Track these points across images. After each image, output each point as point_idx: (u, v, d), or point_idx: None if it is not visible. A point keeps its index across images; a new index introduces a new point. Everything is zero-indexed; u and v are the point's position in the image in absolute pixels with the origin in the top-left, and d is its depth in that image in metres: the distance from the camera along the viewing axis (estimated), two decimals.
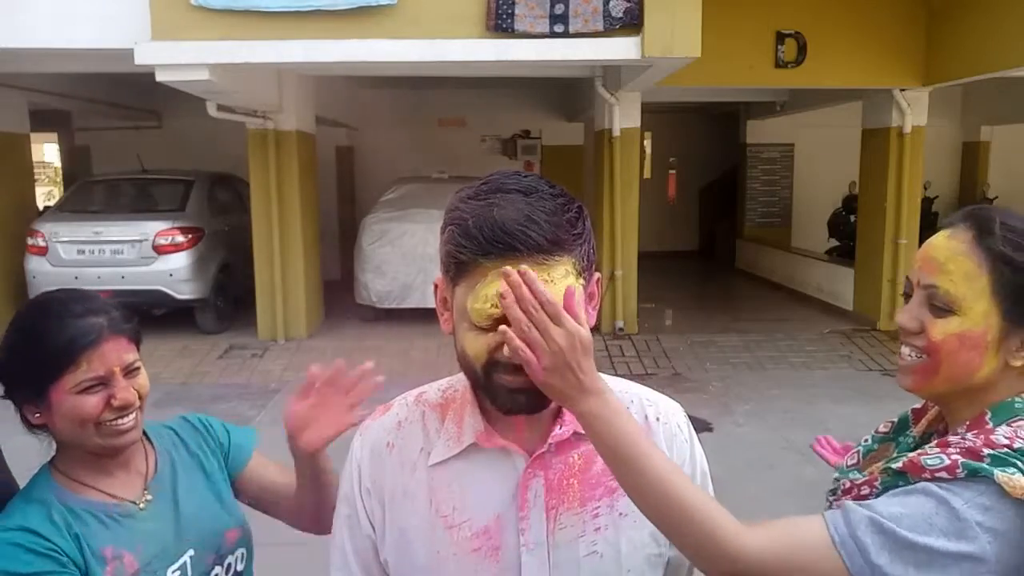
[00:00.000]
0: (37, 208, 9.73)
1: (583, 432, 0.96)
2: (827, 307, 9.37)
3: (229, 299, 8.50)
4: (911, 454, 0.95)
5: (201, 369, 7.08)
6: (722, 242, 13.34)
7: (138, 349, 1.29)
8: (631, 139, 8.12)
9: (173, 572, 1.26)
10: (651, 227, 11.77)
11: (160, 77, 5.82)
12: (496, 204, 0.89)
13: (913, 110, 8.03)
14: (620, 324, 8.09)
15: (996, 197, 11.72)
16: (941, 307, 0.97)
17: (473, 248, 0.89)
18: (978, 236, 0.96)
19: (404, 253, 8.37)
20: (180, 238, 7.99)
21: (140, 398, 1.27)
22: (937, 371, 0.98)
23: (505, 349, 0.89)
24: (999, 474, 0.86)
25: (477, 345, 0.92)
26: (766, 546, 0.89)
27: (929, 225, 10.56)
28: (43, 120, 10.34)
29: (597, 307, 1.00)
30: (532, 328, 0.85)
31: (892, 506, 0.89)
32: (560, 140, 12.55)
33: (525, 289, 0.85)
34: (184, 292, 7.90)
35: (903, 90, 7.91)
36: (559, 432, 1.00)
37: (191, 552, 1.29)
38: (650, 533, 0.99)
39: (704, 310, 9.58)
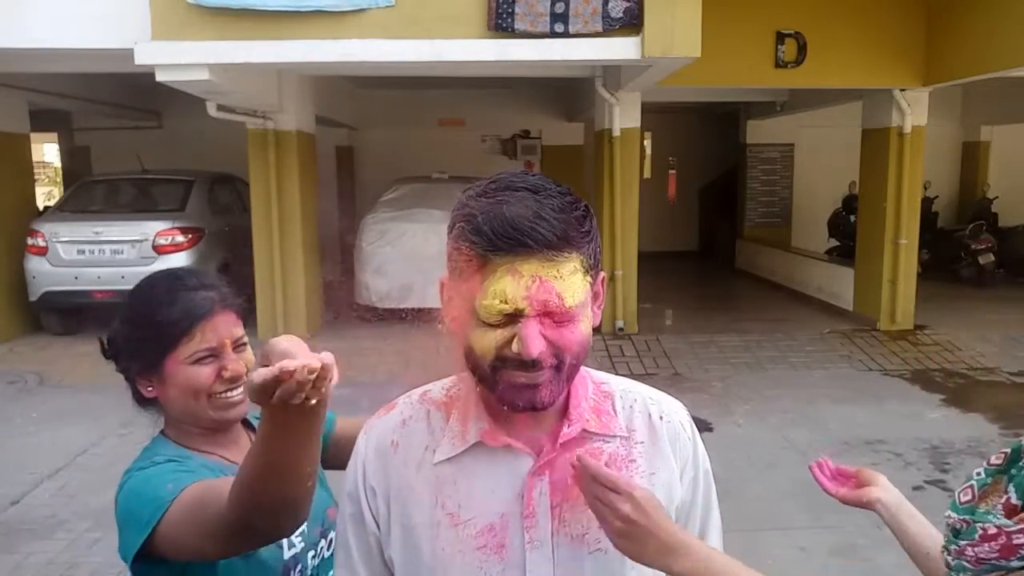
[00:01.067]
0: (37, 208, 9.72)
1: (590, 430, 1.00)
2: (827, 307, 9.37)
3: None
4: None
5: None
6: (722, 242, 13.33)
7: (245, 324, 1.34)
8: (631, 139, 8.12)
9: (296, 536, 1.30)
10: (651, 227, 11.77)
11: (160, 77, 5.82)
12: (506, 201, 0.90)
13: (913, 110, 8.03)
14: (620, 324, 8.09)
15: (996, 197, 11.72)
16: None
17: (483, 244, 0.89)
18: None
19: (404, 253, 8.37)
20: (180, 238, 7.99)
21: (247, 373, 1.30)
22: None
23: (514, 344, 0.90)
24: None
25: (485, 341, 0.92)
26: None
27: (929, 225, 10.59)
28: (43, 120, 10.33)
29: (602, 306, 1.01)
30: (596, 501, 0.92)
31: None
32: (560, 140, 12.55)
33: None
34: None
35: (903, 90, 7.90)
36: (567, 431, 1.01)
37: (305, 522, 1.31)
38: None
39: (704, 310, 9.58)
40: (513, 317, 0.89)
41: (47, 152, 19.04)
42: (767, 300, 10.23)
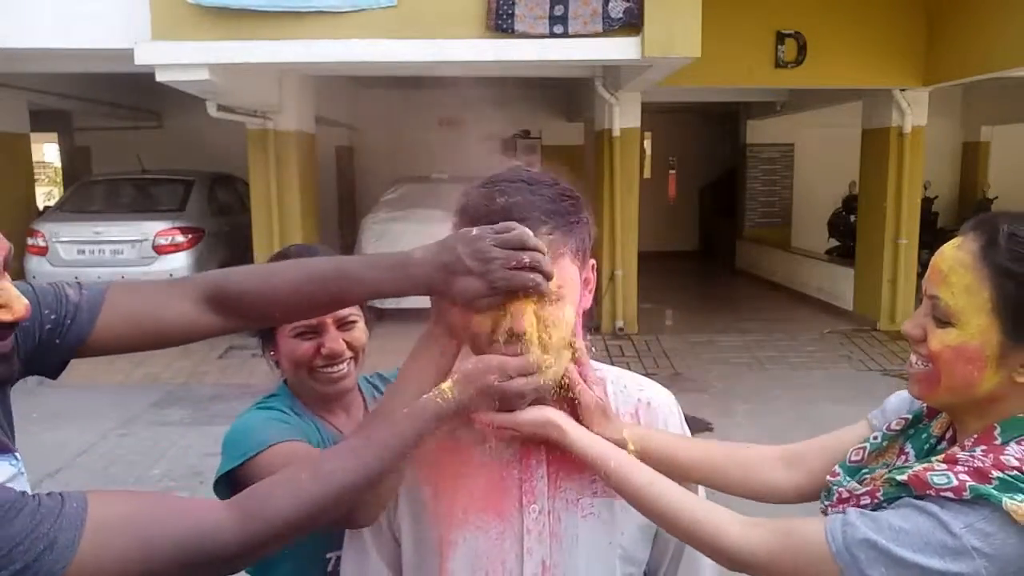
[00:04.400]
0: (37, 208, 9.73)
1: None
2: (827, 307, 9.37)
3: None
4: (917, 467, 0.92)
5: (201, 369, 7.07)
6: (722, 242, 13.33)
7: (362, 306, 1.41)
8: (631, 139, 8.12)
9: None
10: (651, 227, 11.76)
11: (160, 77, 5.82)
12: (502, 191, 0.98)
13: (913, 110, 8.03)
14: (620, 324, 8.09)
15: (996, 197, 11.72)
16: (941, 319, 0.95)
17: (479, 215, 0.97)
18: (984, 247, 0.92)
19: None
20: (180, 238, 7.99)
21: (354, 349, 1.39)
22: (939, 381, 0.96)
23: (504, 320, 0.97)
24: (1007, 502, 0.84)
25: (484, 317, 0.98)
26: (765, 543, 0.95)
27: (929, 225, 10.58)
28: (43, 120, 10.34)
29: (592, 291, 1.08)
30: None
31: (892, 519, 0.89)
32: (560, 140, 12.56)
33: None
34: None
35: (903, 90, 7.90)
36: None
37: None
38: None
39: (704, 310, 9.58)
40: (507, 302, 0.96)
41: (47, 152, 19.03)
42: (767, 300, 10.23)
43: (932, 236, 10.75)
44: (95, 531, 0.79)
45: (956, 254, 0.94)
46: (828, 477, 1.08)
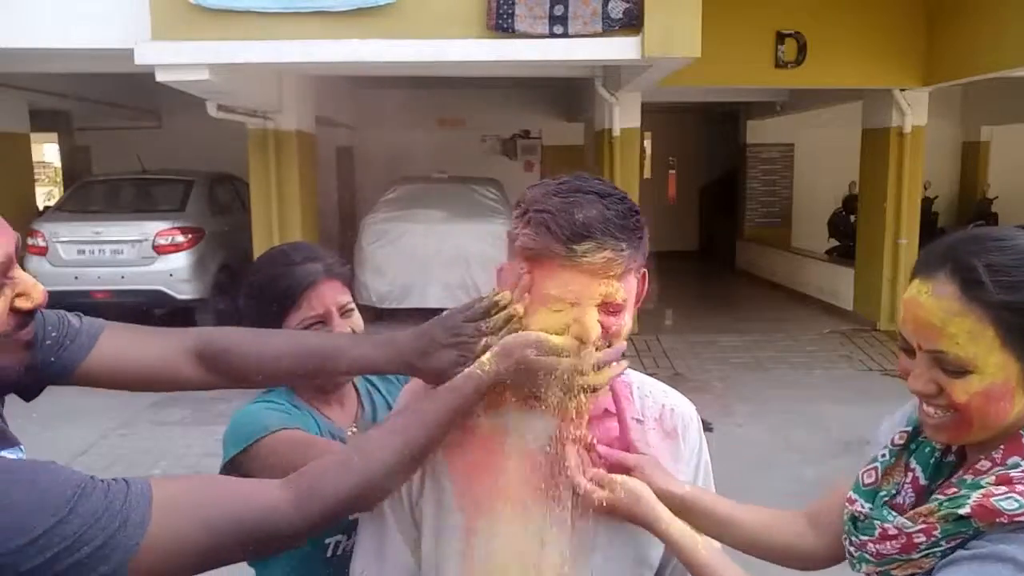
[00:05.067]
0: (37, 208, 9.73)
1: (612, 411, 1.14)
2: (827, 307, 9.37)
3: (229, 299, 8.51)
4: (974, 496, 0.88)
5: None
6: (722, 242, 13.34)
7: (352, 292, 1.45)
8: (631, 139, 8.11)
9: None
10: (651, 227, 11.56)
11: (160, 77, 5.82)
12: (577, 203, 1.01)
13: (913, 110, 8.03)
14: None
15: (996, 197, 11.72)
16: (954, 370, 0.91)
17: (557, 240, 1.00)
18: (966, 288, 0.89)
19: (404, 253, 8.37)
20: (180, 238, 7.99)
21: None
22: (971, 425, 0.92)
23: (573, 328, 1.02)
24: None
25: (548, 322, 1.03)
26: None
27: (929, 225, 10.58)
28: (43, 120, 10.34)
29: (641, 298, 1.14)
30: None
31: None
32: (560, 140, 12.56)
33: None
34: (184, 292, 7.89)
35: (903, 90, 7.90)
36: (592, 410, 1.11)
37: None
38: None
39: (704, 310, 9.58)
40: (573, 305, 1.01)
41: (47, 152, 19.03)
42: (767, 300, 10.23)
43: (932, 236, 10.74)
44: (161, 511, 0.83)
45: (940, 304, 0.91)
46: (846, 505, 1.05)
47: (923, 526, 0.92)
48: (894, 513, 0.98)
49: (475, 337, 1.05)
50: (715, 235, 13.91)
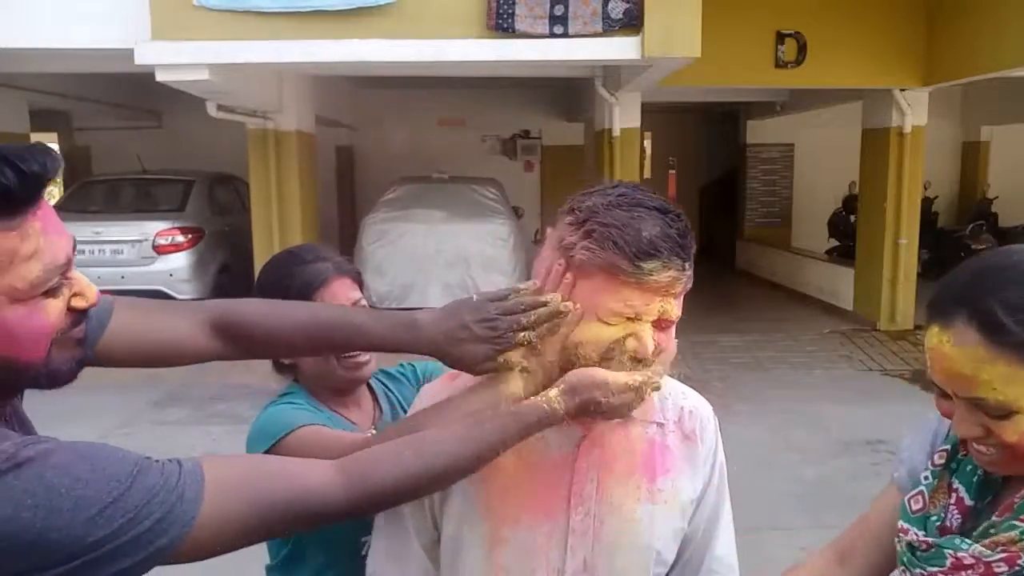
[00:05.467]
0: None
1: (633, 414, 1.12)
2: (827, 307, 9.37)
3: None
4: None
5: (201, 369, 7.07)
6: (722, 242, 13.33)
7: (361, 289, 1.48)
8: (631, 139, 8.11)
9: None
10: None
11: (160, 77, 5.82)
12: (640, 218, 1.01)
13: (913, 110, 8.03)
14: None
15: (996, 197, 11.72)
16: (998, 413, 0.89)
17: (621, 255, 1.00)
18: (988, 333, 0.87)
19: (404, 253, 8.37)
20: (180, 238, 7.99)
21: None
22: None
23: (628, 342, 1.02)
24: None
25: (601, 335, 1.03)
26: None
27: (929, 225, 10.58)
28: (43, 120, 10.34)
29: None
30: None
31: None
32: (560, 140, 12.55)
33: None
34: (184, 292, 7.90)
35: (903, 90, 7.90)
36: None
37: None
38: (679, 510, 1.16)
39: (704, 310, 9.57)
40: (629, 320, 1.02)
41: None
42: (767, 300, 10.23)
43: (932, 236, 10.78)
44: (213, 488, 0.87)
45: (966, 353, 0.89)
46: (899, 534, 1.01)
47: (1004, 555, 0.90)
48: (967, 541, 0.94)
49: (512, 331, 1.04)
50: (715, 235, 13.89)
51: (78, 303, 0.91)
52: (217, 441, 5.31)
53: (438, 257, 8.37)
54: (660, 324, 1.04)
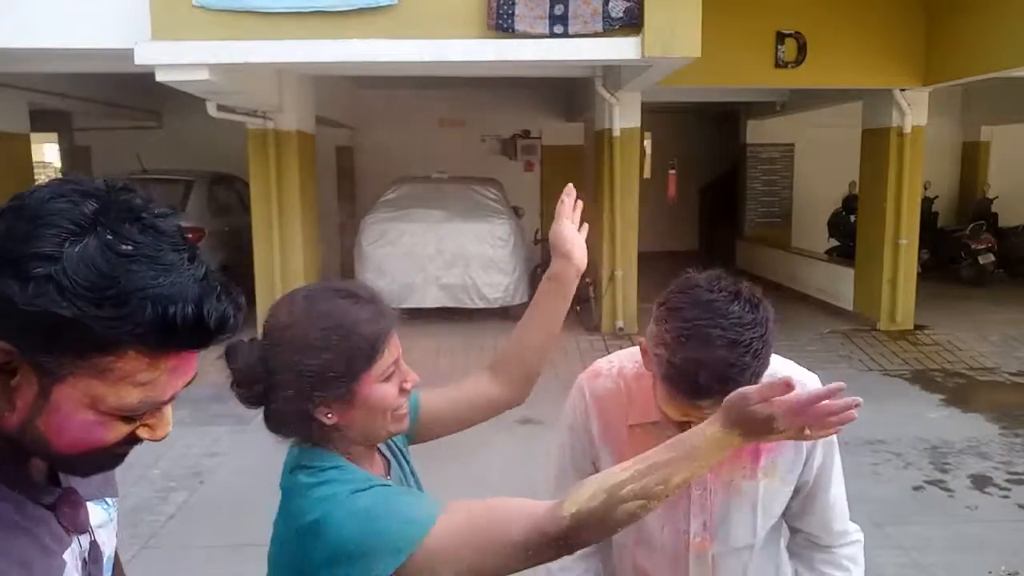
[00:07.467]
0: None
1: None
2: (827, 307, 9.37)
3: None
4: None
5: (201, 369, 6.92)
6: (722, 242, 13.33)
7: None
8: (631, 139, 8.12)
9: None
10: (651, 227, 11.76)
11: (160, 77, 5.82)
12: (703, 363, 1.16)
13: (913, 110, 8.03)
14: (620, 324, 8.09)
15: (996, 197, 11.72)
16: None
17: (683, 388, 1.20)
18: None
19: (404, 253, 8.38)
20: None
21: None
22: None
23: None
24: None
25: (669, 409, 1.26)
26: None
27: (929, 225, 10.58)
28: (43, 120, 10.33)
29: None
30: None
31: None
32: (560, 140, 12.55)
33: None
34: None
35: (903, 90, 7.90)
36: None
37: None
38: (780, 480, 1.40)
39: None
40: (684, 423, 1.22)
41: (47, 152, 19.02)
42: (767, 300, 10.21)
43: (932, 236, 10.78)
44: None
45: None
46: None
47: None
48: None
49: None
50: (715, 235, 13.89)
51: (143, 434, 0.86)
52: (218, 441, 5.30)
53: (438, 257, 8.37)
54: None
